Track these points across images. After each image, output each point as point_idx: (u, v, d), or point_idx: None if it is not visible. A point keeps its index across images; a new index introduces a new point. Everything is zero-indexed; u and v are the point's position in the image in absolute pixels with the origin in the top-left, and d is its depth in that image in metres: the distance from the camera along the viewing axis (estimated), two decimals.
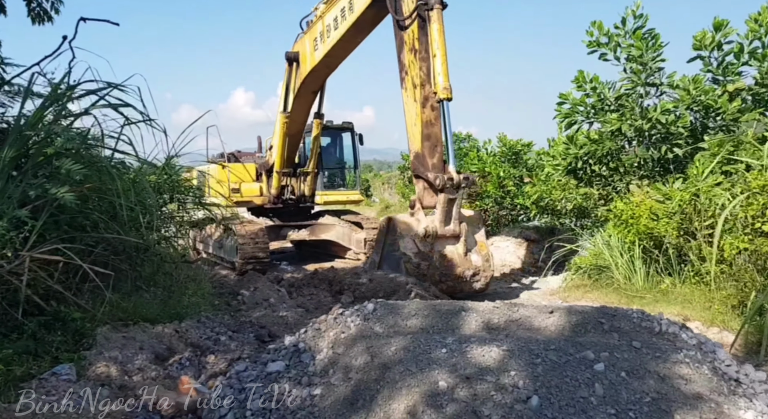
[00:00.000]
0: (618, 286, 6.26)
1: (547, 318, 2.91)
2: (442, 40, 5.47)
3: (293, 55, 8.44)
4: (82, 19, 4.85)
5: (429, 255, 5.91)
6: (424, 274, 5.92)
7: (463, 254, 6.02)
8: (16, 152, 3.39)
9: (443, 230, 5.86)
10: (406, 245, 5.94)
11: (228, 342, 4.67)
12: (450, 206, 5.82)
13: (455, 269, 5.96)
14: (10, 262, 3.39)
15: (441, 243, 5.99)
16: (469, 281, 6.07)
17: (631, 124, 6.57)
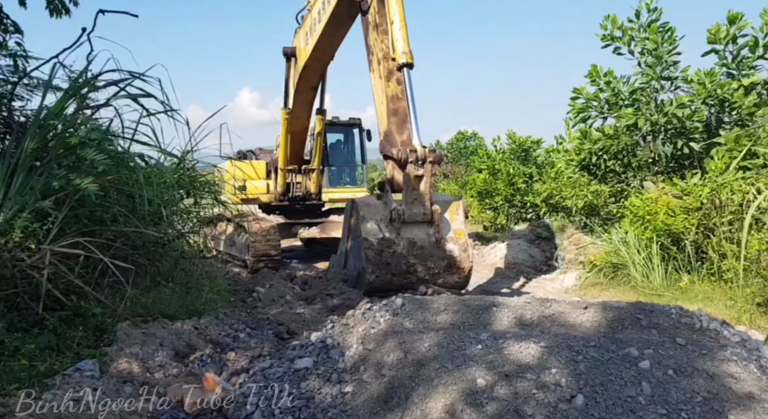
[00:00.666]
0: (635, 284, 6.14)
1: (582, 313, 2.79)
2: (400, 6, 5.10)
3: (290, 50, 8.33)
4: (101, 12, 4.76)
5: (394, 242, 5.15)
6: (388, 263, 5.14)
7: (435, 241, 5.25)
8: (38, 143, 3.30)
9: (411, 213, 5.11)
10: (369, 230, 5.16)
11: (247, 339, 4.58)
12: (418, 185, 5.07)
13: (425, 258, 5.20)
14: (32, 255, 3.31)
15: (410, 229, 5.22)
16: (443, 273, 5.30)
17: (647, 118, 6.42)
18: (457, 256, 5.30)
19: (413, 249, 5.19)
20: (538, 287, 7.29)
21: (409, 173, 4.98)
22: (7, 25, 4.44)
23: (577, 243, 9.12)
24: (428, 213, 5.16)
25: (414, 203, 5.10)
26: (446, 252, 5.28)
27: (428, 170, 5.02)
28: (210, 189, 6.45)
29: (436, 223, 5.23)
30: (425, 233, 5.27)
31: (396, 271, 5.17)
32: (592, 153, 7.08)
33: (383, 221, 5.19)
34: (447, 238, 5.33)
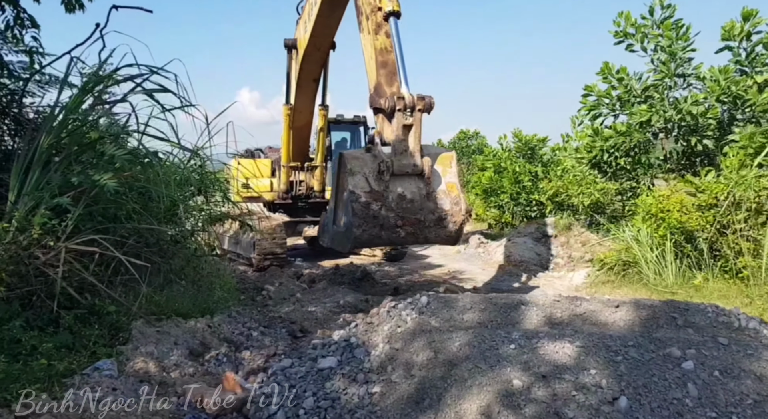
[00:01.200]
0: (647, 282, 6.04)
1: (614, 312, 2.69)
2: None
3: (291, 42, 8.19)
4: (114, 7, 4.65)
5: (383, 195, 4.91)
6: (375, 217, 4.91)
7: (426, 195, 5.01)
8: (54, 139, 3.19)
9: (401, 164, 4.86)
10: (357, 183, 4.90)
11: (260, 338, 4.48)
12: (407, 135, 4.83)
13: (415, 212, 4.98)
14: (47, 253, 3.20)
15: (399, 182, 4.97)
16: (434, 226, 5.06)
17: (661, 115, 6.32)
18: (449, 209, 5.06)
19: (402, 202, 4.97)
20: (548, 285, 7.20)
21: (398, 122, 4.73)
22: (24, 20, 4.32)
23: (584, 241, 9.03)
24: (419, 165, 4.91)
25: (403, 154, 4.86)
26: (437, 206, 5.05)
27: (418, 118, 4.78)
28: (220, 187, 6.34)
29: (427, 175, 4.98)
30: (416, 186, 5.02)
31: (384, 224, 4.95)
32: (604, 151, 6.97)
33: (371, 174, 4.93)
34: (438, 191, 5.08)
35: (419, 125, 4.80)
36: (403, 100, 4.67)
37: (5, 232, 2.86)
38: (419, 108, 4.74)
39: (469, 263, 9.55)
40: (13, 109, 4.44)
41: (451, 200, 5.09)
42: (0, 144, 4.40)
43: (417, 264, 9.58)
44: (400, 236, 5.07)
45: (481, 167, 14.48)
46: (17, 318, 2.94)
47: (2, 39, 4.30)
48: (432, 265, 9.52)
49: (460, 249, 10.89)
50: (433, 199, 5.04)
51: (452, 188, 5.17)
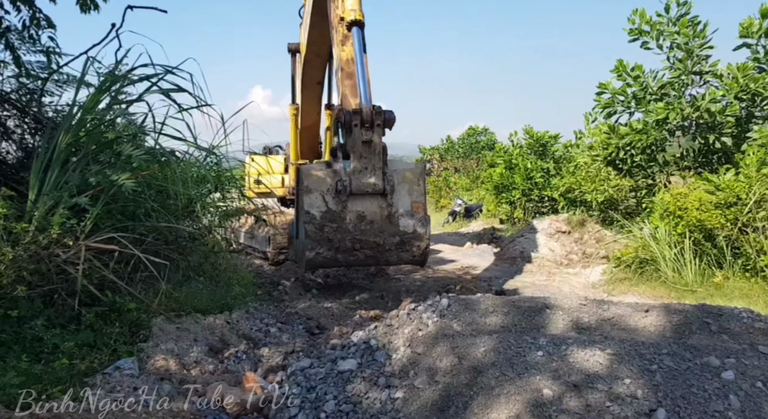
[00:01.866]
0: (665, 280, 5.85)
1: (644, 317, 2.55)
2: None
3: (294, 46, 8.07)
4: (130, 8, 4.56)
5: (340, 215, 4.54)
6: (330, 239, 4.57)
7: (387, 215, 4.61)
8: (72, 139, 3.12)
9: (360, 183, 4.45)
10: (313, 202, 4.53)
11: (278, 334, 4.41)
12: (367, 152, 4.41)
13: (375, 234, 4.59)
14: (67, 251, 3.14)
15: (360, 201, 4.57)
16: (395, 250, 4.70)
17: (678, 113, 6.09)
18: (411, 232, 4.68)
19: (361, 224, 4.60)
20: (563, 282, 7.03)
21: (356, 137, 4.33)
22: (40, 20, 4.26)
23: (598, 238, 8.82)
24: (379, 184, 4.52)
25: (363, 171, 4.46)
26: (399, 228, 4.67)
27: (378, 134, 4.39)
28: (236, 184, 6.27)
29: (389, 194, 4.59)
30: (377, 205, 4.62)
31: (340, 247, 4.63)
32: (620, 148, 6.76)
33: (330, 192, 4.56)
34: (401, 211, 4.68)
35: (379, 141, 4.43)
36: (359, 115, 4.29)
37: (25, 232, 2.79)
38: (378, 123, 4.35)
39: (481, 258, 9.40)
40: (32, 108, 4.39)
41: (415, 221, 4.72)
42: (20, 143, 4.36)
43: (429, 259, 9.45)
44: (359, 259, 4.75)
45: (491, 163, 14.27)
46: (39, 316, 2.88)
47: (20, 39, 4.25)
48: (444, 260, 9.39)
49: (473, 245, 10.74)
50: (395, 221, 4.67)
51: (418, 208, 4.77)
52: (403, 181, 4.71)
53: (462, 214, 14.70)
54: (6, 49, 4.13)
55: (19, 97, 4.54)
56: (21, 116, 4.58)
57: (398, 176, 4.68)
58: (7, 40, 4.09)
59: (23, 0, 3.99)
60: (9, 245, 2.71)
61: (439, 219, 16.14)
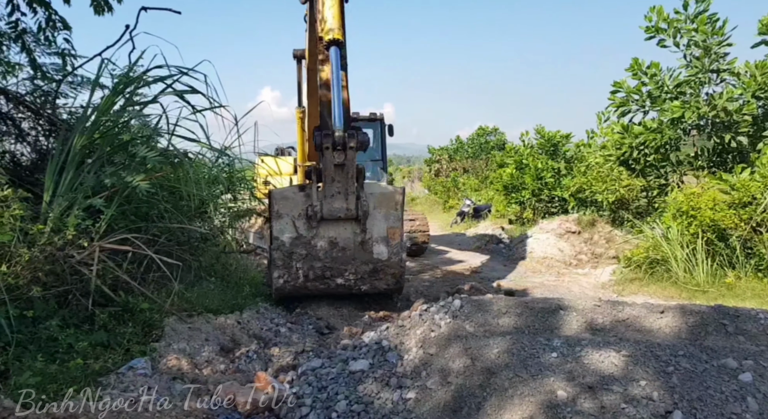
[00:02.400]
0: (676, 280, 5.78)
1: (659, 318, 2.52)
2: None
3: (300, 52, 8.10)
4: (143, 9, 4.61)
5: (310, 242, 4.39)
6: (298, 268, 4.45)
7: (360, 242, 4.45)
8: (87, 140, 3.15)
9: (332, 208, 4.29)
10: (283, 227, 4.36)
11: (288, 334, 4.42)
12: (340, 175, 4.22)
13: (347, 262, 4.46)
14: (82, 252, 3.18)
15: (333, 226, 4.40)
16: (368, 278, 4.55)
17: (694, 111, 6.01)
18: (386, 259, 4.50)
19: (333, 251, 4.46)
20: (573, 282, 6.98)
21: (328, 160, 4.14)
22: (55, 21, 4.31)
23: (608, 238, 8.74)
24: (352, 208, 4.33)
25: (335, 196, 4.29)
26: (372, 255, 4.50)
27: (351, 157, 4.16)
28: (247, 185, 6.31)
29: (362, 219, 4.41)
30: (350, 231, 4.45)
31: (310, 276, 4.49)
32: (633, 148, 6.69)
33: (301, 218, 4.40)
34: (376, 238, 4.49)
35: (352, 165, 4.21)
36: (331, 138, 4.07)
37: (41, 233, 2.83)
38: (351, 146, 4.12)
39: (490, 259, 9.36)
40: (46, 110, 4.45)
41: (390, 248, 4.52)
42: (35, 144, 4.42)
43: (438, 259, 9.43)
44: (330, 288, 4.59)
45: (500, 163, 14.19)
46: (54, 317, 2.92)
47: (35, 41, 4.31)
48: (453, 260, 9.36)
49: (481, 245, 10.69)
50: (368, 247, 4.49)
51: (394, 234, 4.55)
52: (379, 205, 4.51)
53: (470, 214, 14.65)
54: (22, 52, 4.19)
55: (33, 99, 4.60)
56: (35, 118, 4.64)
57: (374, 199, 4.51)
58: (23, 42, 4.15)
59: (39, 2, 4.05)
60: (25, 246, 2.74)
61: (448, 220, 16.10)
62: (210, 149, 4.16)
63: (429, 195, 23.76)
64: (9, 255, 2.66)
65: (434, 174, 24.39)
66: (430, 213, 18.59)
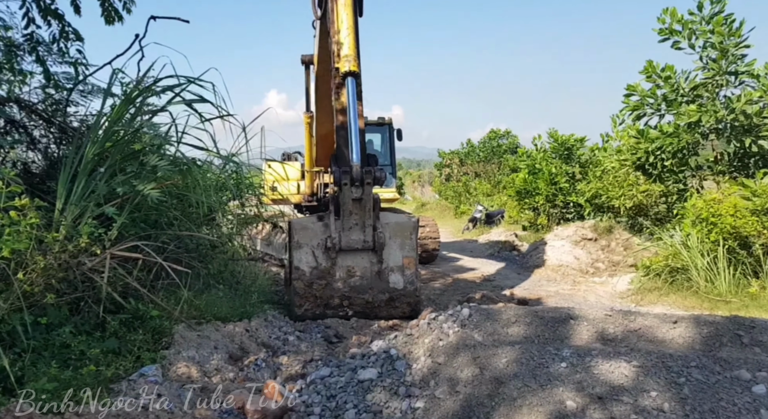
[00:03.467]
0: (697, 289, 5.76)
1: (672, 328, 2.55)
2: (349, 13, 4.54)
3: (308, 58, 8.21)
4: (152, 18, 4.78)
5: (329, 272, 4.73)
6: (317, 296, 4.79)
7: (377, 272, 4.76)
8: (99, 149, 3.30)
9: (349, 240, 4.61)
10: (302, 257, 4.70)
11: (297, 343, 4.51)
12: (357, 209, 4.55)
13: (364, 291, 4.76)
14: (93, 259, 3.31)
15: (350, 256, 4.71)
16: (384, 306, 4.84)
17: (712, 115, 6.00)
18: (401, 288, 4.81)
19: (351, 280, 4.77)
20: (589, 291, 6.97)
21: (346, 195, 4.46)
22: (69, 33, 4.51)
23: (626, 245, 8.70)
24: (369, 240, 4.65)
25: (353, 228, 4.62)
26: (389, 284, 4.80)
27: (368, 192, 4.48)
28: (254, 192, 6.44)
29: (378, 250, 4.71)
30: (367, 261, 4.76)
31: (329, 304, 4.82)
32: (649, 152, 6.69)
33: (320, 247, 4.72)
34: (392, 267, 4.80)
35: (369, 199, 4.53)
36: (349, 174, 4.37)
37: (55, 241, 2.96)
38: (368, 182, 4.43)
39: (503, 267, 9.38)
40: (58, 118, 4.63)
41: (406, 278, 4.83)
42: (46, 152, 4.60)
43: (449, 267, 9.47)
44: (348, 314, 4.91)
45: (513, 167, 14.21)
46: (67, 323, 3.05)
47: (48, 51, 4.50)
48: (465, 268, 9.39)
49: (494, 252, 10.71)
50: (385, 277, 4.79)
51: (409, 263, 4.86)
52: (394, 235, 4.79)
53: (483, 220, 14.66)
54: (36, 63, 4.39)
55: (45, 108, 4.79)
56: (47, 126, 4.83)
57: (389, 229, 4.79)
58: (37, 53, 4.35)
59: (53, 14, 4.25)
60: (40, 253, 2.88)
61: (459, 226, 16.12)
62: (217, 156, 4.29)
63: (440, 200, 23.81)
64: (25, 263, 2.79)
65: (445, 179, 24.44)
66: (441, 219, 18.64)
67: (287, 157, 11.29)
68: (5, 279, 2.73)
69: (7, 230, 2.71)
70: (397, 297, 4.87)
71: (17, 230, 2.74)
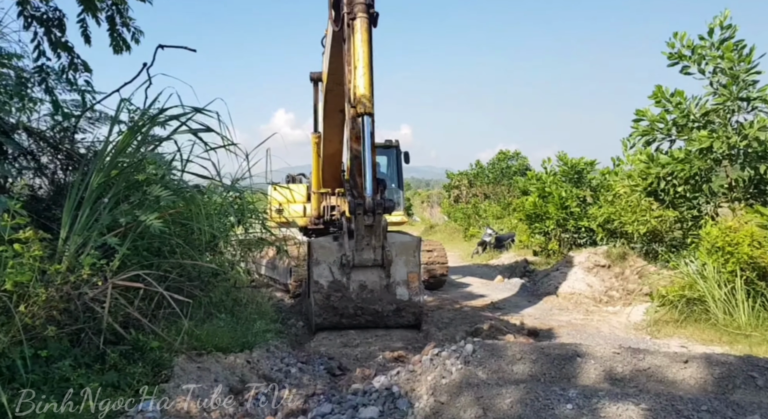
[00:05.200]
0: (715, 322, 5.68)
1: (683, 368, 2.54)
2: (365, 50, 4.93)
3: (317, 75, 8.42)
4: (160, 47, 4.98)
5: (344, 285, 5.49)
6: (335, 307, 5.52)
7: (386, 286, 5.53)
8: (104, 178, 3.40)
9: (362, 259, 5.39)
10: (321, 272, 5.51)
11: (299, 375, 4.51)
12: (369, 233, 5.30)
13: (375, 302, 5.51)
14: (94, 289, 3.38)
15: (362, 271, 5.49)
16: (392, 316, 5.60)
17: (724, 141, 6.04)
18: (407, 300, 5.57)
19: (363, 292, 5.53)
20: (602, 321, 6.89)
21: (359, 222, 5.18)
22: (77, 64, 4.72)
23: (641, 273, 8.62)
24: (378, 258, 5.43)
25: (365, 248, 5.39)
26: (396, 296, 5.56)
27: (379, 220, 5.20)
28: (258, 216, 6.52)
29: (387, 266, 5.49)
30: (377, 275, 5.53)
31: (344, 314, 5.54)
32: (660, 178, 6.70)
33: (336, 264, 5.50)
34: (399, 281, 5.56)
35: (380, 225, 5.28)
36: (363, 206, 5.06)
37: (57, 273, 3.04)
38: (379, 212, 5.12)
39: (513, 294, 9.32)
40: (65, 144, 4.78)
41: (411, 290, 5.59)
42: (52, 178, 4.74)
43: (457, 293, 9.43)
44: (360, 323, 5.61)
45: (523, 189, 14.23)
46: (67, 356, 3.09)
47: (57, 80, 4.70)
48: (473, 295, 9.34)
49: (504, 279, 10.65)
50: (392, 290, 5.55)
51: (413, 278, 5.64)
52: (400, 253, 5.59)
53: (492, 244, 14.61)
54: (45, 93, 4.58)
55: (53, 135, 4.95)
56: (54, 153, 4.98)
57: (396, 248, 5.58)
58: (47, 84, 4.54)
59: (63, 47, 4.47)
60: (42, 285, 2.95)
61: (468, 249, 16.07)
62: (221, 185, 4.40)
63: (448, 222, 23.79)
64: (27, 295, 2.86)
65: (454, 200, 24.48)
66: (449, 242, 18.60)
67: (291, 179, 11.43)
68: (7, 312, 2.79)
69: (10, 262, 2.79)
70: (404, 308, 5.60)
71: (20, 262, 2.81)
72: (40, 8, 4.75)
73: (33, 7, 4.73)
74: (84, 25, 4.86)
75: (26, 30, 4.73)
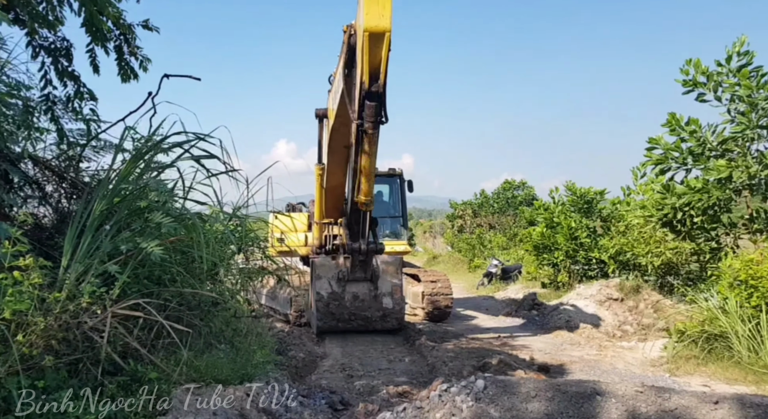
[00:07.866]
0: (739, 359, 5.56)
1: (713, 409, 2.48)
2: (372, 161, 6.06)
3: (322, 112, 8.58)
4: (166, 76, 5.13)
5: (341, 295, 7.32)
6: (333, 313, 7.32)
7: (374, 296, 7.38)
8: (107, 206, 3.45)
9: (355, 276, 7.36)
10: (322, 285, 7.35)
11: (300, 409, 4.42)
12: (362, 263, 7.35)
13: (365, 309, 7.39)
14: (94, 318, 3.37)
15: (355, 284, 7.40)
16: (379, 320, 7.44)
17: (744, 171, 6.05)
18: (391, 308, 7.50)
19: (356, 302, 7.40)
20: (617, 357, 6.76)
21: (355, 259, 7.38)
22: (83, 93, 4.87)
23: (656, 307, 8.50)
24: (368, 274, 7.46)
25: (357, 270, 7.45)
26: (382, 305, 7.46)
27: (370, 258, 7.39)
28: (259, 245, 6.54)
29: (375, 281, 7.47)
30: (367, 288, 7.47)
31: (340, 319, 7.39)
32: (677, 209, 6.69)
33: (334, 279, 7.41)
34: (384, 293, 7.49)
35: (370, 259, 7.42)
36: (358, 252, 7.25)
37: (57, 301, 3.04)
38: (371, 256, 7.34)
39: (521, 328, 9.19)
40: (70, 173, 4.87)
41: (394, 300, 7.54)
42: (56, 207, 4.80)
43: (463, 326, 9.31)
44: (353, 326, 7.44)
45: (530, 219, 14.21)
46: (64, 387, 3.05)
47: (63, 110, 4.84)
48: (480, 328, 9.22)
49: (511, 312, 10.51)
50: (379, 300, 7.48)
51: (396, 290, 7.60)
52: (385, 270, 7.62)
53: (498, 276, 14.48)
54: (51, 122, 4.70)
55: (58, 164, 5.04)
56: (59, 181, 5.06)
57: (383, 265, 7.64)
58: (53, 113, 4.67)
59: (70, 76, 4.62)
60: (41, 314, 2.95)
61: (473, 281, 15.91)
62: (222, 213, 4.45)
63: (452, 253, 23.65)
64: (25, 324, 2.86)
65: (458, 230, 24.42)
66: (454, 273, 18.44)
67: (292, 208, 11.46)
68: (4, 341, 2.78)
69: (9, 290, 2.80)
70: (388, 314, 7.49)
71: (20, 290, 2.82)
72: (48, 38, 4.94)
73: (41, 37, 4.92)
74: (93, 55, 5.03)
75: (34, 60, 4.91)
